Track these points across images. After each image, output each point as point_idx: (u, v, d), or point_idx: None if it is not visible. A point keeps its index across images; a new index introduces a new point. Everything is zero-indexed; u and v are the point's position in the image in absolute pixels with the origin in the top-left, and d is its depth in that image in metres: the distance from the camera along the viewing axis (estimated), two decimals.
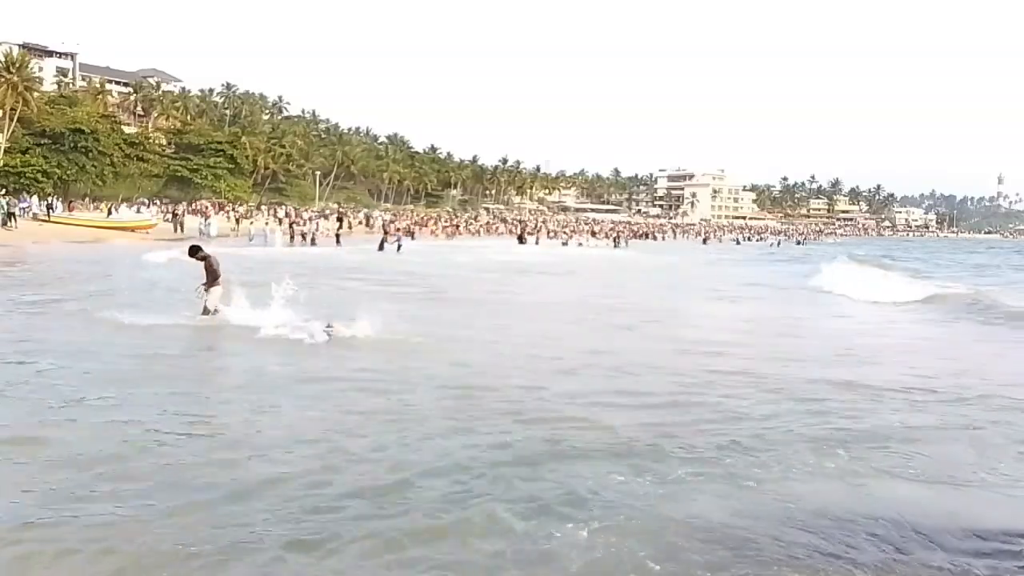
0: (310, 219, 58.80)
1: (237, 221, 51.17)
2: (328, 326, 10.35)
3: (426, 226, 69.07)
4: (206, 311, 12.16)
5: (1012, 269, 42.90)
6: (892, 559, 4.38)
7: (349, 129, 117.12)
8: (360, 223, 64.17)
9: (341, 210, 72.19)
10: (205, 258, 12.47)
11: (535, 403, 7.52)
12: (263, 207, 70.71)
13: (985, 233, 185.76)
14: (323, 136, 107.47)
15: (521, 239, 61.55)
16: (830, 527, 4.74)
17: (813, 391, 8.38)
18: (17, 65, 55.99)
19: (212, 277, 12.29)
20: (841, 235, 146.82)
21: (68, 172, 59.62)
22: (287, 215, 60.35)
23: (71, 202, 51.94)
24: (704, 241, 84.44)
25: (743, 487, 5.39)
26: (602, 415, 7.10)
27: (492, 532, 4.52)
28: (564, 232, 75.25)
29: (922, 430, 6.98)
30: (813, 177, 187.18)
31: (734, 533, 4.60)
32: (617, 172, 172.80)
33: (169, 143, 76.96)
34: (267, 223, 51.22)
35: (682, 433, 6.55)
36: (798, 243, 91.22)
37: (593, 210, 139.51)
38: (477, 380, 8.44)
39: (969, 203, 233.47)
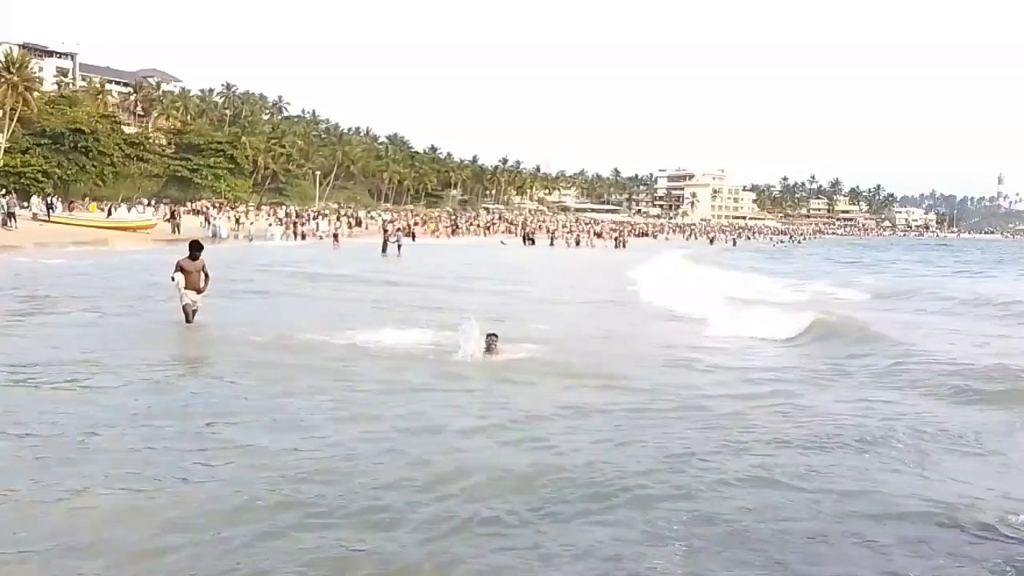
0: (312, 217, 59.07)
1: (237, 221, 51.21)
2: (491, 334, 10.16)
3: (426, 225, 69.24)
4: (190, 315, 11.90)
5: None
6: None
7: (349, 129, 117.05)
8: (357, 223, 64.24)
9: (342, 210, 72.31)
10: (197, 259, 11.95)
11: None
12: (263, 207, 70.71)
13: (985, 233, 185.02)
14: (323, 136, 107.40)
15: (527, 239, 61.23)
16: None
17: None
18: (17, 65, 55.86)
19: (206, 279, 12.04)
20: (842, 235, 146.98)
21: (68, 172, 59.51)
22: (287, 215, 60.67)
23: (71, 202, 51.83)
24: (711, 241, 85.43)
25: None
26: None
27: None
28: (568, 235, 75.03)
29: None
30: (813, 177, 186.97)
31: None
32: (617, 172, 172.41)
33: (169, 143, 76.89)
34: (270, 224, 51.51)
35: None
36: (797, 242, 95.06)
37: (593, 210, 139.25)
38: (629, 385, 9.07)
39: (969, 203, 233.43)
